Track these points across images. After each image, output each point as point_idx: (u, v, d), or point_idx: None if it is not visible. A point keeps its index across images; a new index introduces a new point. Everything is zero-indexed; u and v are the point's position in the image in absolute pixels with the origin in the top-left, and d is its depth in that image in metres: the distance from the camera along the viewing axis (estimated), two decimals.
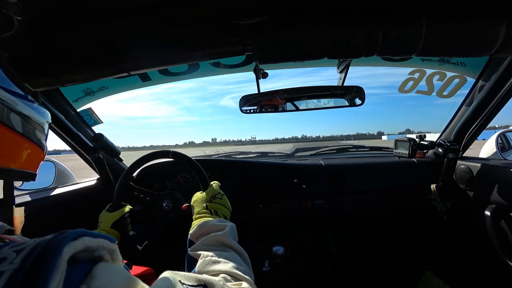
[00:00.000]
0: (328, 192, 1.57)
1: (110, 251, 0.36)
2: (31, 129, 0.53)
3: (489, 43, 0.72)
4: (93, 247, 0.33)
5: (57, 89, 1.29)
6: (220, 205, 0.97)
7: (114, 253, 0.37)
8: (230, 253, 0.71)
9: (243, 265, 0.69)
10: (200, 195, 1.00)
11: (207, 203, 0.95)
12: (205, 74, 1.60)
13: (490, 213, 1.28)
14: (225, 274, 0.60)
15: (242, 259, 0.73)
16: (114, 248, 0.37)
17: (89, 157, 1.38)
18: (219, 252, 0.69)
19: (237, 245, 0.76)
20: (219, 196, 0.99)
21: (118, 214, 1.09)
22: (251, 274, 0.69)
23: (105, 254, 0.35)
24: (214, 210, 0.93)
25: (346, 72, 1.14)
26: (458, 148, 1.37)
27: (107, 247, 0.35)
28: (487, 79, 1.16)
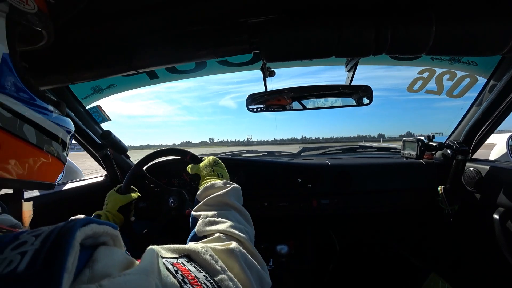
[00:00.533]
0: (334, 192, 1.56)
1: (113, 237, 0.38)
2: (47, 140, 0.54)
3: (502, 42, 0.70)
4: (99, 233, 0.35)
5: (67, 86, 1.31)
6: (223, 170, 1.01)
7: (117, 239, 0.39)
8: (230, 212, 0.73)
9: (242, 223, 0.71)
10: (202, 162, 1.03)
11: (213, 167, 0.99)
12: (212, 72, 1.60)
13: (499, 216, 1.26)
14: (220, 233, 0.62)
15: (243, 218, 0.75)
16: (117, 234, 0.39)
17: (97, 153, 1.40)
18: (219, 212, 0.71)
19: (238, 205, 0.79)
20: (220, 162, 1.04)
21: (127, 199, 1.12)
22: (250, 231, 0.72)
23: (108, 240, 0.37)
24: (220, 173, 0.97)
25: (354, 71, 1.13)
26: (467, 150, 1.35)
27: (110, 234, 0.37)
28: (499, 79, 1.14)
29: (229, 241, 0.60)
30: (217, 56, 0.89)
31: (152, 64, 0.93)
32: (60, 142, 0.58)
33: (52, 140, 0.56)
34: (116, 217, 1.09)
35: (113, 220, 1.06)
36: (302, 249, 1.58)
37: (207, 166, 0.99)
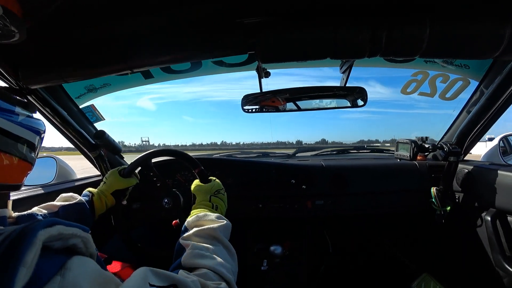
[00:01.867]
0: (328, 193, 1.56)
1: (84, 239, 0.39)
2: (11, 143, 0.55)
3: (494, 46, 0.71)
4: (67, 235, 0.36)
5: (60, 85, 1.29)
6: (221, 201, 0.98)
7: (88, 241, 0.39)
8: (218, 248, 0.72)
9: (229, 262, 0.70)
10: (204, 185, 1.00)
11: (211, 196, 0.96)
12: (207, 72, 1.60)
13: (490, 217, 1.28)
14: (209, 270, 0.62)
15: (230, 256, 0.74)
16: (88, 237, 0.39)
17: (91, 154, 1.38)
18: (208, 246, 0.70)
19: (227, 242, 0.77)
20: (222, 192, 1.01)
21: (127, 184, 1.11)
22: (235, 271, 0.72)
23: (78, 242, 0.38)
24: (215, 205, 0.94)
25: (349, 72, 1.13)
26: (459, 151, 1.36)
27: (80, 236, 0.38)
28: (491, 82, 1.16)
29: (217, 280, 0.60)
30: (213, 57, 0.89)
31: (147, 64, 0.92)
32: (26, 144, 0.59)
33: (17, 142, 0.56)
34: (108, 199, 1.08)
35: (104, 202, 1.06)
36: (296, 250, 1.59)
37: (206, 192, 0.97)
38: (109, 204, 1.08)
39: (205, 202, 0.93)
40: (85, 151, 1.39)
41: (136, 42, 0.85)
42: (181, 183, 1.65)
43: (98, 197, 1.04)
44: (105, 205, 1.06)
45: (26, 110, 0.60)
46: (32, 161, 0.63)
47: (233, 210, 1.52)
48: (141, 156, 1.16)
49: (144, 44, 0.85)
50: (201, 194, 0.97)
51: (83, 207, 0.96)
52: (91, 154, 1.38)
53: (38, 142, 0.64)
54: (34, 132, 0.61)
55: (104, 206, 1.06)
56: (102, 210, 1.05)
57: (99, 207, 1.03)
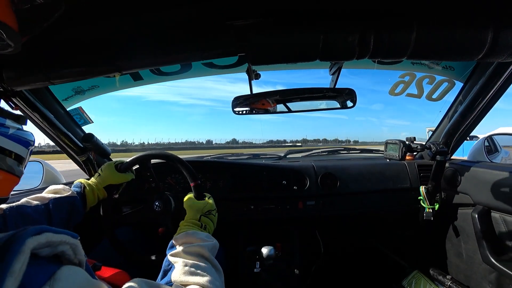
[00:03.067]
0: (319, 194, 1.58)
1: (73, 246, 0.38)
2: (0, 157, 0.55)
3: (477, 49, 0.73)
4: (56, 242, 0.35)
5: (47, 87, 1.27)
6: (211, 222, 0.98)
7: (76, 248, 0.39)
8: (208, 267, 0.72)
9: (218, 280, 0.71)
10: (197, 202, 0.99)
11: (202, 215, 0.96)
12: (197, 74, 1.59)
13: (477, 214, 1.31)
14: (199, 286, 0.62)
15: (218, 275, 0.75)
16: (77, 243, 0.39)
17: (79, 157, 1.35)
18: (198, 264, 0.71)
19: (215, 261, 0.78)
20: (214, 213, 1.01)
21: (122, 179, 1.11)
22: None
23: (67, 249, 0.37)
24: (204, 225, 0.94)
25: (338, 74, 1.15)
26: (446, 151, 1.40)
27: (69, 242, 0.37)
28: (475, 84, 1.19)
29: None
30: (203, 59, 0.88)
31: (136, 66, 0.91)
32: (14, 158, 0.59)
33: (6, 156, 0.57)
34: (101, 192, 1.07)
35: (97, 195, 1.05)
36: (288, 251, 1.59)
37: (198, 211, 0.96)
38: (101, 197, 1.08)
39: (195, 221, 0.93)
40: (72, 154, 1.36)
41: (125, 43, 0.84)
42: (172, 186, 1.64)
43: (91, 189, 1.04)
44: (97, 198, 1.06)
45: (17, 123, 0.59)
46: (20, 174, 0.63)
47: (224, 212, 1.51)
48: (142, 154, 1.15)
49: (133, 45, 0.84)
50: (192, 211, 0.96)
51: (75, 200, 0.95)
52: (79, 157, 1.36)
53: (27, 155, 0.63)
54: (24, 145, 0.61)
55: (96, 199, 1.05)
56: (94, 202, 1.05)
57: (91, 199, 1.03)
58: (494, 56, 0.75)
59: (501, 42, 0.71)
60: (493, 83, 1.07)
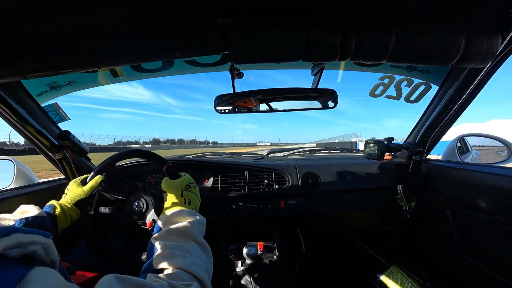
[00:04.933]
0: (301, 193, 1.60)
1: (45, 245, 0.37)
2: None
3: (451, 54, 0.77)
4: (26, 243, 0.34)
5: (19, 81, 1.20)
6: (194, 195, 0.95)
7: (49, 247, 0.37)
8: (191, 246, 0.70)
9: (203, 260, 0.69)
10: (174, 181, 0.97)
11: (183, 190, 0.93)
12: (179, 72, 1.56)
13: (450, 211, 1.37)
14: (181, 269, 0.60)
15: (204, 253, 0.73)
16: (49, 243, 0.38)
17: (54, 156, 1.30)
18: (180, 245, 0.68)
19: (201, 239, 0.75)
20: (194, 186, 0.98)
21: (88, 192, 1.03)
22: (210, 269, 0.70)
23: (38, 249, 0.36)
24: (188, 200, 0.91)
25: (320, 75, 1.17)
26: (422, 151, 1.45)
27: (40, 242, 0.36)
28: (449, 87, 1.24)
29: (189, 280, 0.58)
30: (185, 56, 0.87)
31: (116, 62, 0.88)
32: None
33: None
34: (72, 211, 0.99)
35: (68, 214, 0.97)
36: (270, 250, 1.60)
37: (176, 188, 0.94)
38: (74, 216, 1.00)
39: (177, 197, 0.91)
40: (47, 153, 1.30)
41: (104, 37, 0.80)
42: (153, 185, 1.61)
43: (61, 209, 0.95)
44: (69, 218, 0.97)
45: None
46: None
47: (206, 211, 1.50)
48: (103, 161, 1.11)
49: (113, 40, 0.81)
50: (171, 190, 0.94)
51: (44, 221, 0.86)
52: (54, 156, 1.30)
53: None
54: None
55: (69, 219, 0.97)
56: (66, 223, 0.96)
57: (62, 220, 0.94)
58: (467, 61, 0.79)
59: (473, 49, 0.76)
60: (466, 87, 1.12)
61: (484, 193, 1.19)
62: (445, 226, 1.40)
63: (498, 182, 1.13)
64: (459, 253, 1.32)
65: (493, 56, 0.78)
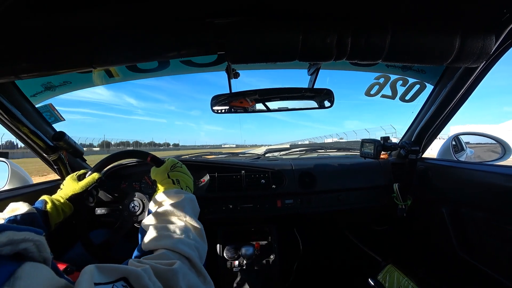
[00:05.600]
0: (297, 192, 1.60)
1: (37, 243, 0.36)
2: None
3: (445, 54, 0.78)
4: (18, 240, 0.33)
5: (13, 82, 1.19)
6: (181, 173, 0.95)
7: (41, 245, 0.37)
8: (179, 225, 0.69)
9: (192, 237, 0.68)
10: (159, 168, 0.98)
11: (168, 173, 0.94)
12: (175, 72, 1.56)
13: (446, 209, 1.39)
14: (166, 249, 0.59)
15: (196, 232, 0.71)
16: (41, 240, 0.37)
17: (49, 157, 1.28)
18: (167, 225, 0.68)
19: (191, 216, 0.74)
20: (179, 165, 0.98)
21: (83, 187, 1.02)
22: (201, 247, 0.69)
23: (30, 246, 0.35)
24: (176, 179, 0.91)
25: (316, 75, 1.17)
26: (418, 150, 1.46)
27: (33, 240, 0.35)
28: (444, 86, 1.25)
29: (174, 259, 0.57)
30: (181, 56, 0.86)
31: (111, 62, 0.87)
32: None
33: None
34: (65, 205, 0.98)
35: (61, 209, 0.95)
36: (267, 250, 1.60)
37: (162, 172, 0.94)
38: (67, 211, 0.98)
39: (164, 180, 0.91)
40: (42, 154, 1.29)
41: (99, 37, 0.80)
42: (149, 185, 1.60)
43: (52, 204, 0.93)
44: (61, 213, 0.95)
45: None
46: None
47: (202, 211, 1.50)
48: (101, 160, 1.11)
49: (109, 40, 0.80)
50: (158, 175, 0.94)
51: (34, 217, 0.84)
52: (49, 157, 1.29)
53: None
54: None
55: (61, 214, 0.95)
56: (59, 218, 0.95)
57: (54, 215, 0.93)
58: (461, 61, 0.80)
59: (467, 48, 0.77)
60: (460, 86, 1.13)
61: (479, 191, 1.20)
62: (440, 224, 1.42)
63: (493, 180, 1.14)
64: (455, 251, 1.33)
65: (486, 56, 0.79)
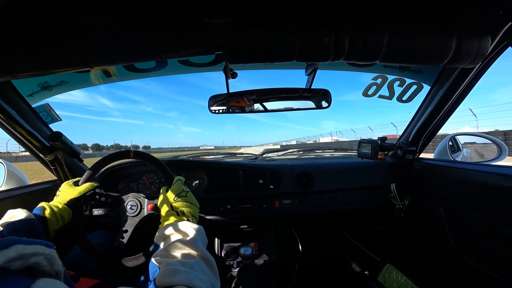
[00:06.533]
0: (295, 192, 1.60)
1: (48, 256, 0.35)
2: None
3: (442, 55, 0.79)
4: (28, 254, 0.32)
5: (9, 81, 1.18)
6: (185, 203, 0.94)
7: (52, 258, 0.36)
8: (194, 261, 0.68)
9: (206, 273, 0.67)
10: (165, 194, 0.97)
11: (172, 203, 0.92)
12: (173, 72, 1.55)
13: (443, 209, 1.39)
14: (184, 285, 0.59)
15: (209, 267, 0.71)
16: (52, 253, 0.36)
17: (46, 157, 1.28)
18: (182, 261, 0.67)
19: (204, 251, 0.73)
20: (183, 194, 0.97)
21: (82, 192, 1.02)
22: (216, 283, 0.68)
23: (41, 260, 0.34)
24: (180, 211, 0.90)
25: (313, 75, 1.17)
26: (415, 150, 1.47)
27: (43, 253, 0.34)
28: (441, 87, 1.26)
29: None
30: (179, 56, 0.86)
31: (108, 61, 0.86)
32: None
33: None
34: (64, 211, 0.98)
35: (59, 215, 0.95)
36: (265, 250, 1.60)
37: (166, 202, 0.93)
38: (66, 217, 0.98)
39: (168, 212, 0.90)
40: (39, 154, 1.28)
41: (97, 36, 0.79)
42: (147, 186, 1.60)
43: (51, 211, 0.93)
44: (60, 219, 0.95)
45: None
46: None
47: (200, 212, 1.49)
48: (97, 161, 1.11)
49: (106, 39, 0.80)
50: (162, 206, 0.94)
51: (32, 223, 0.84)
52: (46, 157, 1.28)
53: None
54: None
55: (60, 220, 0.95)
56: (58, 225, 0.95)
57: (53, 222, 0.93)
58: (458, 62, 0.81)
59: (463, 49, 0.77)
60: (457, 87, 1.14)
61: (475, 191, 1.21)
62: (438, 224, 1.42)
63: (489, 180, 1.14)
64: (452, 251, 1.34)
65: (483, 57, 0.80)
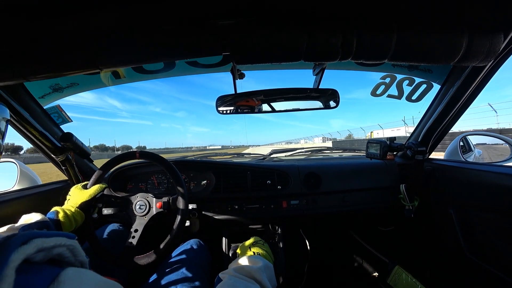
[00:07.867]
0: (303, 193, 1.59)
1: (70, 247, 0.35)
2: None
3: (453, 53, 0.77)
4: (49, 247, 0.32)
5: (21, 84, 1.21)
6: (261, 248, 1.05)
7: (75, 249, 0.36)
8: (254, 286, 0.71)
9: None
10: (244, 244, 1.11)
11: (250, 246, 1.05)
12: (181, 73, 1.57)
13: (454, 210, 1.37)
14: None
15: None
16: (74, 244, 0.36)
17: (57, 157, 1.30)
18: (244, 282, 0.70)
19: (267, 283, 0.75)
20: (260, 242, 1.10)
21: (92, 194, 1.06)
22: None
23: (64, 251, 0.35)
24: (256, 252, 1.00)
25: (321, 75, 1.16)
26: (425, 150, 1.45)
27: (65, 244, 0.35)
28: (451, 86, 1.23)
29: None
30: (187, 57, 0.87)
31: (117, 63, 0.88)
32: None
33: None
34: (76, 214, 1.00)
35: (73, 218, 0.98)
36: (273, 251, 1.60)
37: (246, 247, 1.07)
38: (79, 220, 1.01)
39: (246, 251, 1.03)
40: (50, 154, 1.31)
41: (105, 39, 0.81)
42: (155, 186, 1.61)
43: (64, 214, 0.96)
44: (73, 222, 0.98)
45: None
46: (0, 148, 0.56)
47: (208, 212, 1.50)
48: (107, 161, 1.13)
49: (115, 42, 0.81)
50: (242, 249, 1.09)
51: (47, 226, 0.86)
52: (57, 157, 1.31)
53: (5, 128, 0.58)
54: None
55: (73, 223, 0.98)
56: (71, 228, 0.97)
57: (67, 225, 0.95)
58: (469, 60, 0.79)
59: (475, 47, 0.76)
60: (468, 85, 1.12)
61: (487, 192, 1.19)
62: (448, 225, 1.40)
63: (502, 181, 1.12)
64: (463, 253, 1.31)
65: (494, 55, 0.78)
